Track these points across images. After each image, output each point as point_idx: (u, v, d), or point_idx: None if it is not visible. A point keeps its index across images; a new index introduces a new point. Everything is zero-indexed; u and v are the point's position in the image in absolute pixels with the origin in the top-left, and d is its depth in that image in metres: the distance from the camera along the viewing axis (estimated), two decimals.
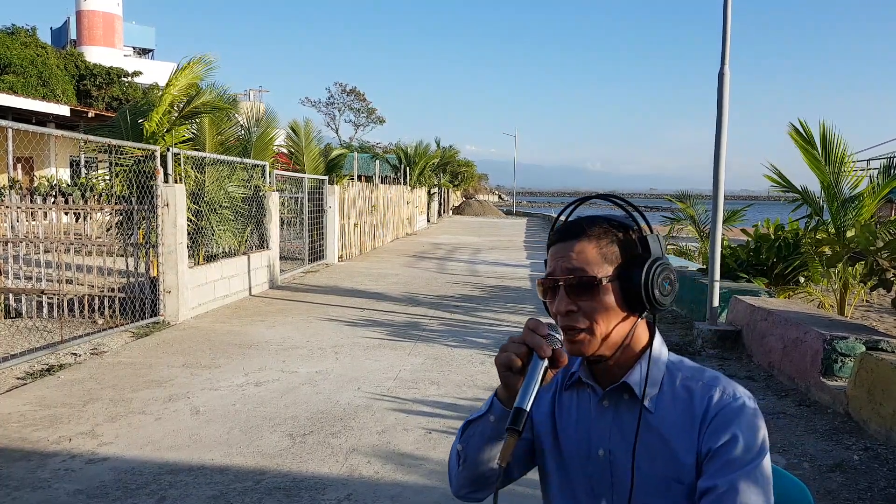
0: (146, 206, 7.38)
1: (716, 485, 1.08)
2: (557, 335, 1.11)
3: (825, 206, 7.89)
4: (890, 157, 7.71)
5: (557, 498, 1.26)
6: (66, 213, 8.08)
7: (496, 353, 1.13)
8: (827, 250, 7.22)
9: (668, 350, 1.24)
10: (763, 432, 1.12)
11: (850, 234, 7.18)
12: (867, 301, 10.10)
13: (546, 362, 1.08)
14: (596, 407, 1.21)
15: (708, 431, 1.11)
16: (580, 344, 1.16)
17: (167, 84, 8.70)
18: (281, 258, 11.15)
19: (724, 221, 9.93)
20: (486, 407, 1.19)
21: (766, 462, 1.10)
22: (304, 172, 13.81)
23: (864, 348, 4.85)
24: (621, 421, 1.19)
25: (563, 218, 1.31)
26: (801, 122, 7.58)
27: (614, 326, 1.16)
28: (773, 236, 8.75)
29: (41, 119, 17.65)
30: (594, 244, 1.17)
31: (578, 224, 1.20)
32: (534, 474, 1.38)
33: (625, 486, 1.16)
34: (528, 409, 1.04)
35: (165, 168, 7.47)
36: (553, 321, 1.19)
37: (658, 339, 1.21)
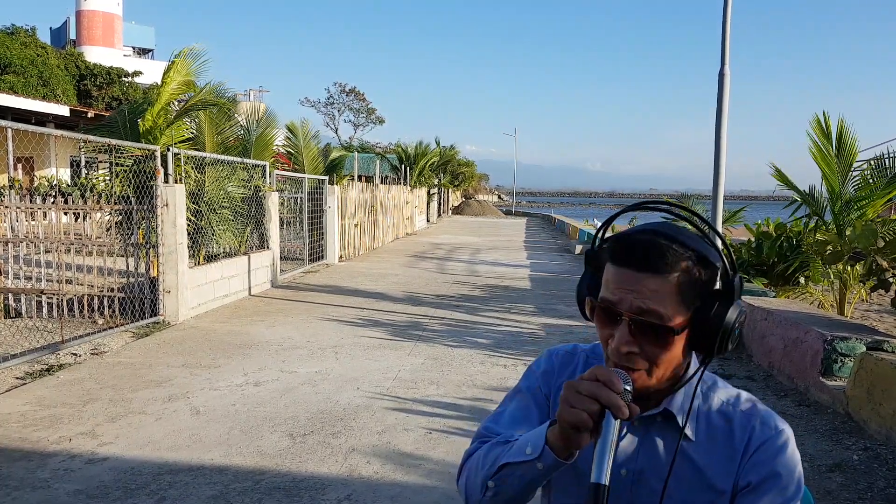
0: (146, 206, 7.38)
1: None
2: (629, 388, 0.98)
3: (828, 205, 7.88)
4: (884, 157, 7.70)
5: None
6: (65, 213, 8.08)
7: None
8: (829, 249, 7.21)
9: None
10: (800, 469, 1.09)
11: (848, 232, 7.18)
12: (867, 301, 10.10)
13: (619, 422, 0.96)
14: (625, 426, 1.14)
15: (748, 465, 1.08)
16: (633, 381, 1.04)
17: (162, 81, 8.67)
18: (281, 258, 11.15)
19: (724, 222, 9.93)
20: (532, 452, 1.04)
21: (800, 497, 1.08)
22: (304, 172, 13.82)
23: (864, 348, 4.85)
24: (652, 443, 1.13)
25: (626, 225, 1.21)
26: (824, 115, 7.54)
27: (674, 367, 1.09)
28: (774, 234, 8.75)
29: (41, 119, 17.64)
30: (675, 284, 1.02)
31: (661, 253, 1.02)
32: None
33: None
34: (607, 484, 0.93)
35: (165, 168, 7.47)
36: (601, 345, 1.11)
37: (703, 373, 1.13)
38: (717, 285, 1.05)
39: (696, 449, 1.12)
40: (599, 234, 1.17)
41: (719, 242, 1.08)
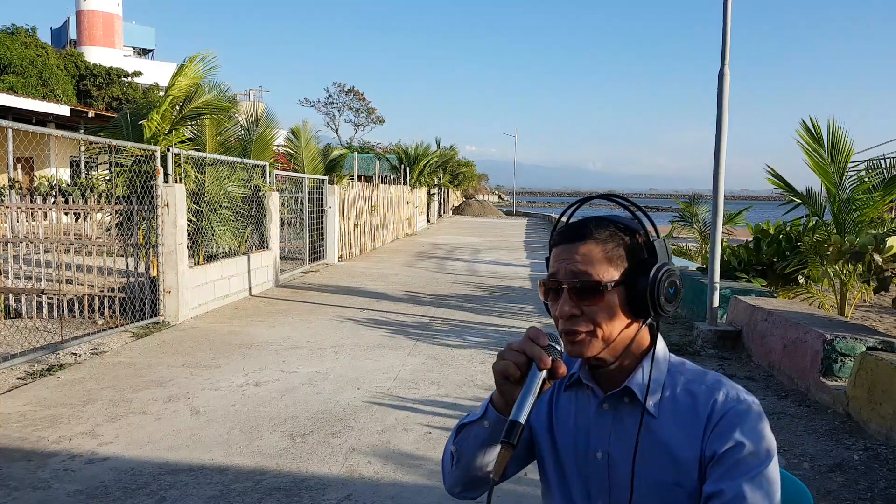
0: (146, 207, 7.38)
1: (721, 489, 1.06)
2: (557, 346, 1.09)
3: (827, 205, 7.88)
4: (880, 159, 7.70)
5: (555, 497, 1.26)
6: (66, 213, 8.08)
7: (496, 354, 1.13)
8: (828, 250, 7.21)
9: (669, 351, 1.24)
10: (769, 435, 1.10)
11: (849, 233, 7.18)
12: (867, 301, 10.10)
13: (544, 373, 1.06)
14: (595, 409, 1.20)
15: (713, 435, 1.10)
16: (581, 345, 1.14)
17: (169, 85, 8.69)
18: (281, 258, 11.15)
19: (725, 223, 9.93)
20: (481, 411, 1.18)
21: (773, 466, 1.09)
22: (304, 173, 13.82)
23: (864, 348, 4.85)
24: (622, 424, 1.17)
25: (565, 218, 1.29)
26: (811, 119, 7.55)
27: (618, 331, 1.15)
28: (773, 233, 8.75)
29: (41, 119, 17.65)
30: (600, 247, 1.15)
31: (584, 225, 1.18)
32: (534, 474, 1.38)
33: (623, 489, 1.15)
34: (523, 423, 1.02)
35: (165, 168, 7.47)
36: (554, 324, 1.17)
37: (660, 343, 1.20)
38: (644, 252, 1.16)
39: (661, 426, 1.15)
40: (550, 239, 1.26)
41: (642, 216, 1.19)
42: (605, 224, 1.17)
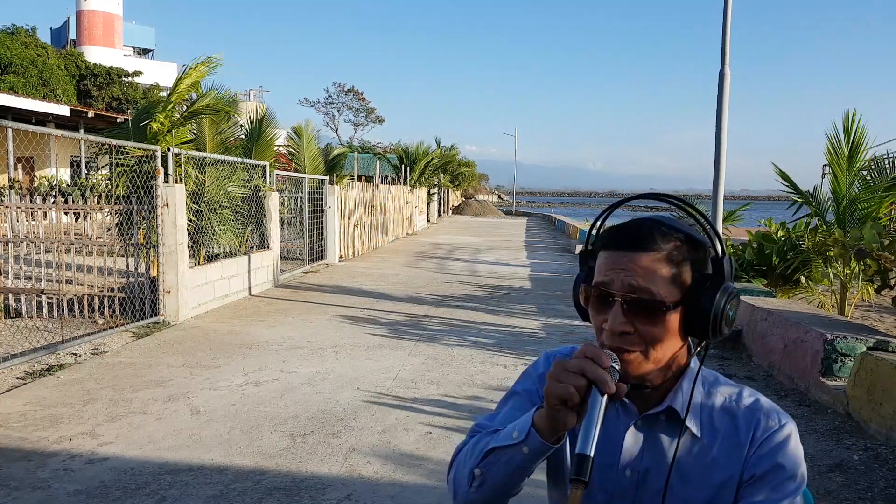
0: (146, 206, 7.38)
1: None
2: (616, 366, 0.99)
3: (830, 205, 7.89)
4: (884, 158, 7.71)
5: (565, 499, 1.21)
6: (66, 213, 8.08)
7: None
8: (832, 248, 7.20)
9: None
10: (803, 462, 1.09)
11: (853, 232, 7.18)
12: (867, 301, 10.10)
13: (606, 398, 0.96)
14: (627, 426, 1.15)
15: (754, 457, 1.08)
16: (628, 364, 1.05)
17: (174, 87, 8.70)
18: (281, 258, 11.15)
19: (724, 221, 9.93)
20: (518, 435, 1.04)
21: (802, 491, 1.08)
22: (304, 172, 13.82)
23: (864, 348, 4.85)
24: (656, 442, 1.13)
25: (605, 214, 1.19)
26: (852, 114, 7.57)
27: (670, 353, 1.08)
28: (775, 236, 8.76)
29: (41, 119, 17.65)
30: (665, 261, 1.04)
31: (649, 232, 1.06)
32: (536, 474, 1.37)
33: None
34: (592, 456, 0.93)
35: (166, 168, 7.47)
36: (595, 333, 1.11)
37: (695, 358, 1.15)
38: (708, 268, 1.07)
39: (701, 445, 1.12)
40: (592, 233, 1.18)
41: (709, 228, 1.09)
42: (671, 234, 1.06)
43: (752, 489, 1.07)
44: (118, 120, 17.44)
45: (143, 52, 52.09)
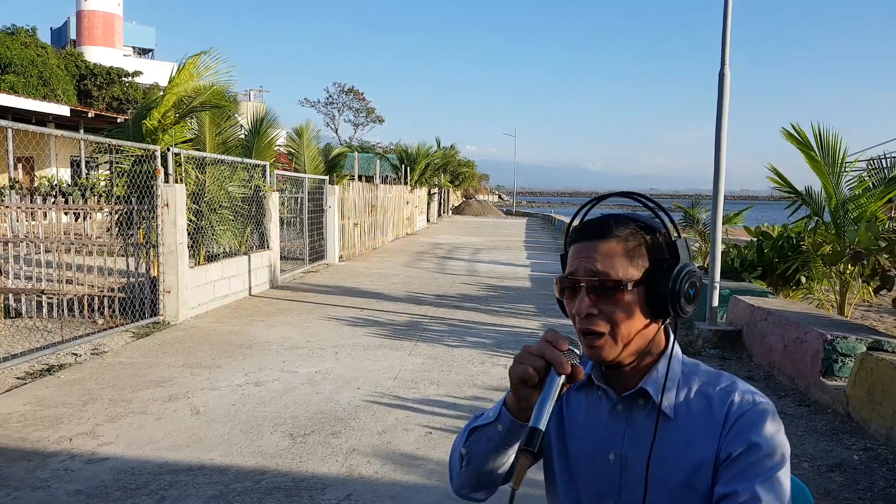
0: (146, 206, 7.38)
1: (735, 490, 1.06)
2: (576, 350, 1.07)
3: (825, 205, 7.90)
4: (879, 158, 7.72)
5: (561, 497, 1.25)
6: (66, 213, 8.08)
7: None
8: (828, 249, 7.22)
9: None
10: (783, 439, 1.10)
11: (849, 233, 7.19)
12: (867, 301, 10.10)
13: (563, 378, 1.04)
14: (608, 411, 1.19)
15: (728, 437, 1.10)
16: (600, 349, 1.13)
17: (170, 83, 8.66)
18: (281, 258, 11.15)
19: (725, 222, 9.93)
20: (494, 414, 1.15)
21: (786, 469, 1.08)
22: (304, 172, 13.82)
23: (864, 348, 4.85)
24: (636, 425, 1.17)
25: (579, 216, 1.27)
26: (794, 126, 7.60)
27: (635, 331, 1.13)
28: (775, 235, 8.76)
29: (41, 119, 17.66)
30: (621, 245, 1.13)
31: (605, 223, 1.15)
32: (535, 475, 1.38)
33: (634, 491, 1.14)
34: (543, 430, 1.00)
35: (166, 168, 7.47)
36: (571, 322, 1.16)
37: (675, 345, 1.19)
38: (664, 252, 1.15)
39: (677, 427, 1.14)
40: (567, 237, 1.24)
41: (661, 213, 1.17)
42: (626, 222, 1.15)
43: (728, 469, 1.09)
44: (118, 120, 17.44)
45: (143, 52, 52.11)
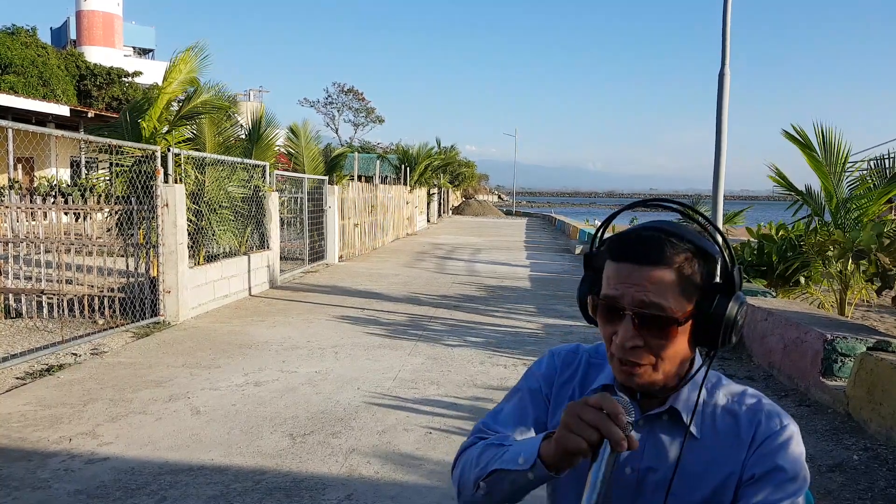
0: (146, 207, 7.38)
1: None
2: (631, 420, 0.96)
3: (826, 205, 7.90)
4: (881, 158, 7.72)
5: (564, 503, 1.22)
6: (66, 214, 8.08)
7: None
8: (831, 249, 7.21)
9: None
10: (805, 465, 1.09)
11: (850, 232, 7.18)
12: (867, 301, 10.10)
13: (615, 455, 0.95)
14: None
15: (753, 458, 1.08)
16: (638, 377, 1.07)
17: (164, 81, 8.63)
18: (281, 258, 11.15)
19: (725, 222, 9.93)
20: (524, 462, 1.04)
21: (803, 494, 1.08)
22: (304, 172, 13.82)
23: (864, 348, 4.85)
24: (657, 442, 1.13)
25: (626, 224, 1.24)
26: (794, 127, 7.61)
27: (679, 363, 1.09)
28: (776, 236, 8.76)
29: (41, 119, 17.65)
30: (676, 275, 1.03)
31: (659, 246, 1.04)
32: None
33: None
34: None
35: (165, 168, 7.47)
36: (604, 343, 1.11)
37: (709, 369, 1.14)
38: (717, 278, 1.06)
39: (702, 446, 1.12)
40: (598, 235, 1.17)
41: (718, 238, 1.08)
42: (681, 246, 1.04)
43: (751, 489, 1.07)
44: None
45: (143, 52, 52.10)
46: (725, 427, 1.12)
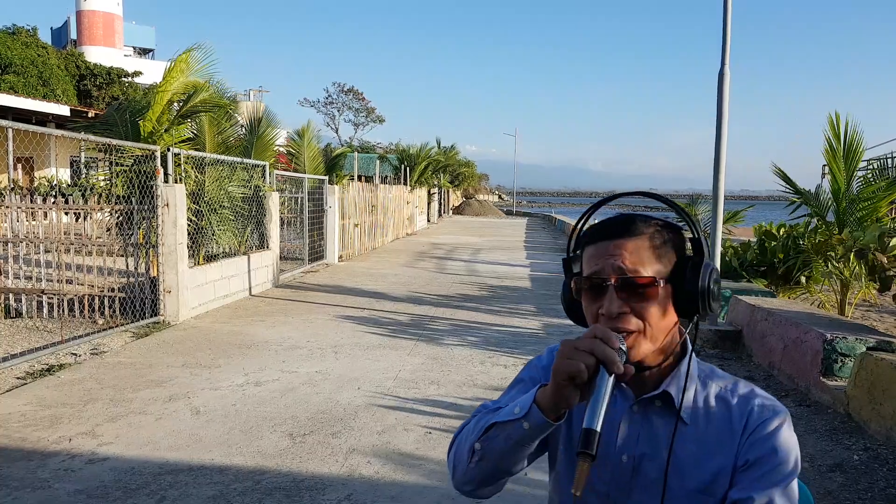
0: (146, 206, 7.38)
1: (751, 497, 1.06)
2: (625, 347, 1.02)
3: (831, 205, 7.89)
4: (887, 158, 7.72)
5: (566, 493, 1.22)
6: (66, 213, 8.08)
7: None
8: (832, 249, 7.21)
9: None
10: (797, 451, 1.11)
11: (850, 232, 7.18)
12: (867, 301, 10.10)
13: (613, 377, 0.99)
14: (624, 412, 1.17)
15: (747, 444, 1.10)
16: (631, 348, 1.09)
17: (163, 81, 8.62)
18: (281, 258, 11.15)
19: (725, 221, 9.92)
20: (520, 412, 1.08)
21: (796, 481, 1.10)
22: (304, 172, 13.82)
23: (864, 348, 4.85)
24: (652, 429, 1.15)
25: (586, 216, 1.26)
26: (836, 116, 7.59)
27: (665, 330, 1.12)
28: (777, 235, 8.76)
29: (41, 119, 17.65)
30: (648, 242, 1.12)
31: (630, 220, 1.14)
32: (534, 474, 1.37)
33: (647, 493, 1.13)
34: (599, 430, 0.96)
35: (165, 168, 7.47)
36: (590, 324, 1.14)
37: (695, 344, 1.18)
38: (688, 250, 1.15)
39: (695, 432, 1.14)
40: (572, 239, 1.22)
41: (683, 213, 1.19)
42: (650, 220, 1.14)
43: (745, 475, 1.09)
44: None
45: (143, 52, 52.09)
46: (718, 415, 1.14)
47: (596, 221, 1.20)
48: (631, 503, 1.15)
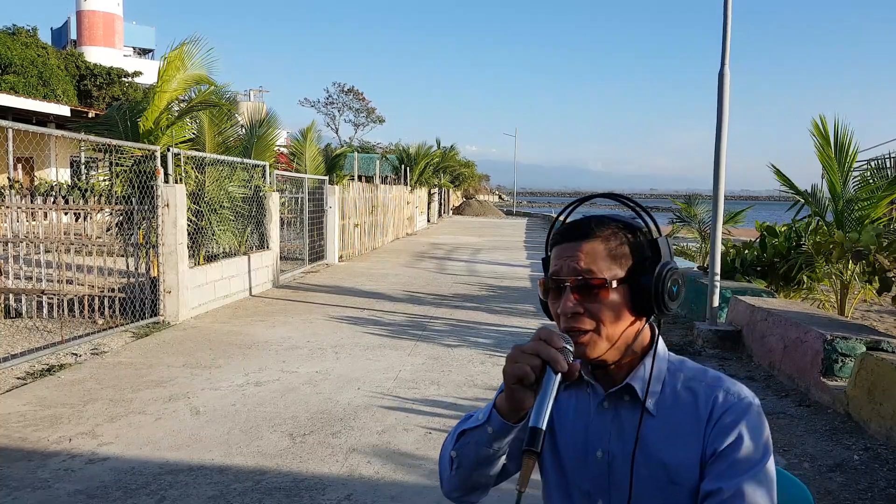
0: (146, 207, 7.38)
1: (721, 488, 1.06)
2: (569, 346, 1.07)
3: (829, 205, 7.89)
4: (885, 158, 7.71)
5: (554, 496, 1.25)
6: (66, 213, 8.08)
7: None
8: (831, 249, 7.21)
9: (669, 350, 1.23)
10: (767, 433, 1.11)
11: (845, 234, 7.18)
12: (867, 301, 10.10)
13: (559, 376, 1.04)
14: (596, 408, 1.20)
15: (713, 433, 1.11)
16: (584, 346, 1.13)
17: (159, 80, 8.57)
18: (281, 258, 11.15)
19: (725, 222, 9.92)
20: (483, 417, 1.15)
21: (771, 463, 1.09)
22: (305, 172, 13.82)
23: (864, 348, 4.85)
24: (621, 422, 1.17)
25: (563, 217, 1.29)
26: (821, 118, 7.59)
27: (621, 330, 1.14)
28: (779, 231, 8.76)
29: (41, 119, 17.65)
30: (603, 245, 1.15)
31: (587, 223, 1.17)
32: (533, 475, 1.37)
33: (623, 488, 1.15)
34: (544, 428, 1.00)
35: (166, 168, 7.47)
36: (555, 323, 1.17)
37: (660, 342, 1.20)
38: (647, 251, 1.16)
39: (662, 424, 1.15)
40: (548, 241, 1.25)
41: (648, 219, 1.20)
42: (608, 222, 1.17)
43: (714, 465, 1.09)
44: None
45: (143, 52, 52.11)
46: (685, 405, 1.15)
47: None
48: (612, 498, 1.17)
